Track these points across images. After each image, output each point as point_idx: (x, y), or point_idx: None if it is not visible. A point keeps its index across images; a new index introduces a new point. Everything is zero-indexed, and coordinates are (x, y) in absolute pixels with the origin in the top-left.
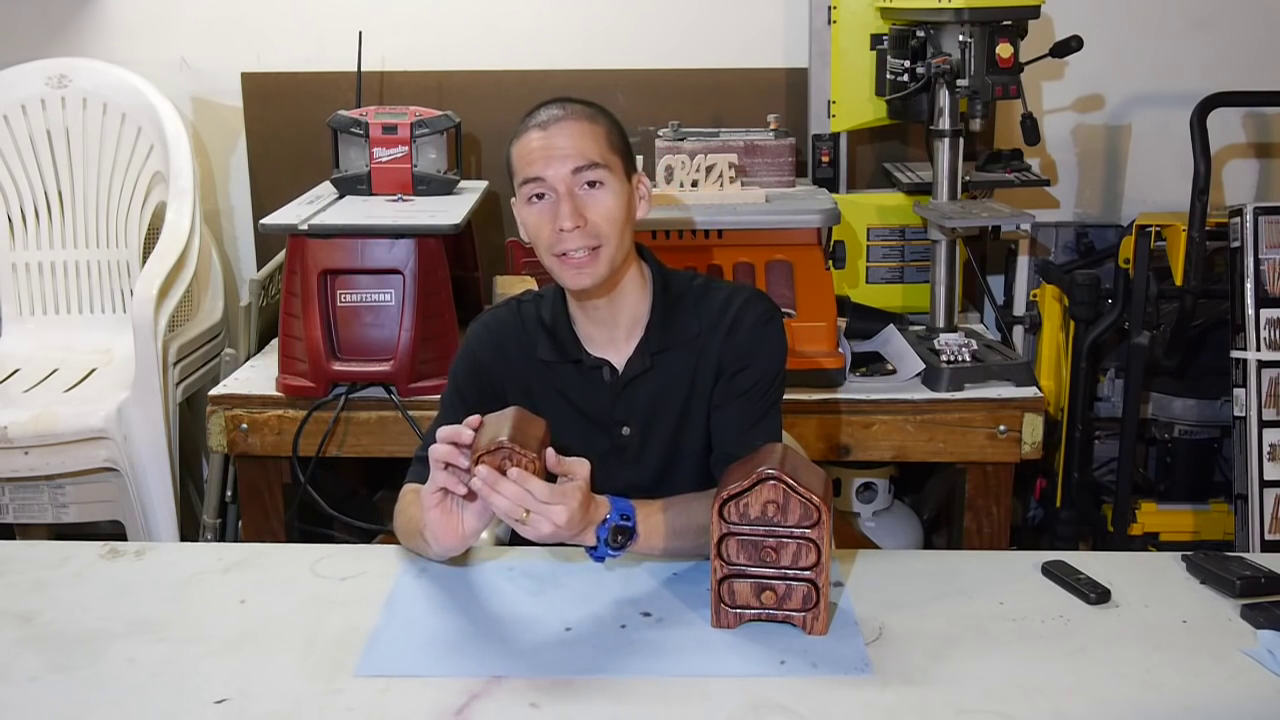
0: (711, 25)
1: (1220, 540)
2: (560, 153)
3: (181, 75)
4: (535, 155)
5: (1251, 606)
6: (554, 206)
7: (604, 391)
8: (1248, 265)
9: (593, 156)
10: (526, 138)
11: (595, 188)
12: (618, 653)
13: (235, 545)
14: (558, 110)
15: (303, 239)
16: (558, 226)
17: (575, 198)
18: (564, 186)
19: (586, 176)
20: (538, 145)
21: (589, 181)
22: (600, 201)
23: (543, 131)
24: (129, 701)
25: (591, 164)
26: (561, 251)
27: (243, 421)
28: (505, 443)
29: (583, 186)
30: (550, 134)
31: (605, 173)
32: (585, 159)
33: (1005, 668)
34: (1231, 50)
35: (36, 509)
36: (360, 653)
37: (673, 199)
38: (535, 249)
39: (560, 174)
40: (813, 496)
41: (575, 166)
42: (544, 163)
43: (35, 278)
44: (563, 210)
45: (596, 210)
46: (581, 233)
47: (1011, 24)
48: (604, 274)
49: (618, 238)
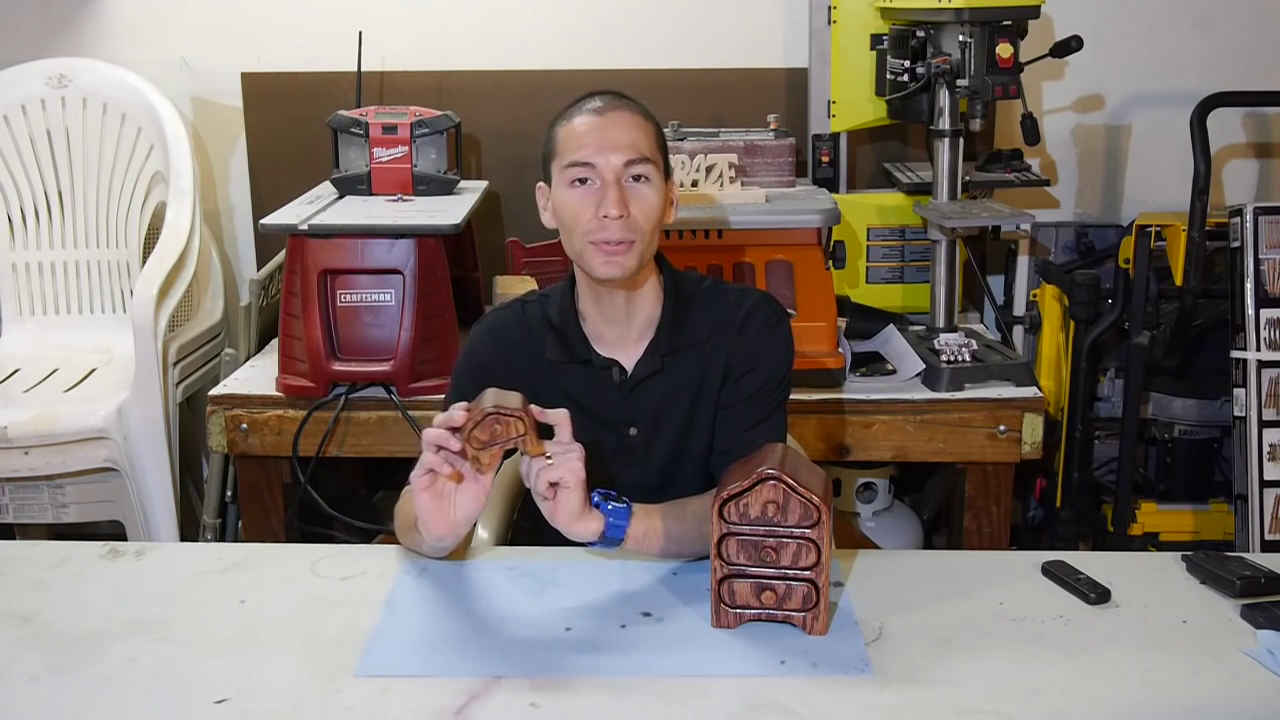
0: (711, 25)
1: (1220, 540)
2: (614, 141)
3: (181, 75)
4: (588, 140)
5: (1251, 606)
6: (599, 193)
7: (612, 392)
8: (1248, 265)
9: (644, 151)
10: (579, 121)
11: (640, 182)
12: (618, 653)
13: (235, 545)
14: (614, 99)
15: (303, 239)
16: (602, 213)
17: (622, 188)
18: (613, 175)
19: (636, 170)
20: (592, 130)
21: (636, 175)
22: (644, 197)
23: (599, 118)
24: (129, 701)
25: (643, 158)
26: (600, 239)
27: (243, 421)
28: (489, 409)
29: (629, 179)
30: (606, 121)
31: (652, 169)
32: (638, 152)
33: (1005, 668)
34: (1231, 50)
35: (36, 509)
36: (360, 653)
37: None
38: (566, 233)
39: (612, 163)
40: (813, 496)
41: (628, 158)
42: (596, 149)
43: (35, 278)
44: (609, 197)
45: (640, 204)
46: (624, 224)
47: (1011, 24)
48: (633, 268)
49: (651, 235)
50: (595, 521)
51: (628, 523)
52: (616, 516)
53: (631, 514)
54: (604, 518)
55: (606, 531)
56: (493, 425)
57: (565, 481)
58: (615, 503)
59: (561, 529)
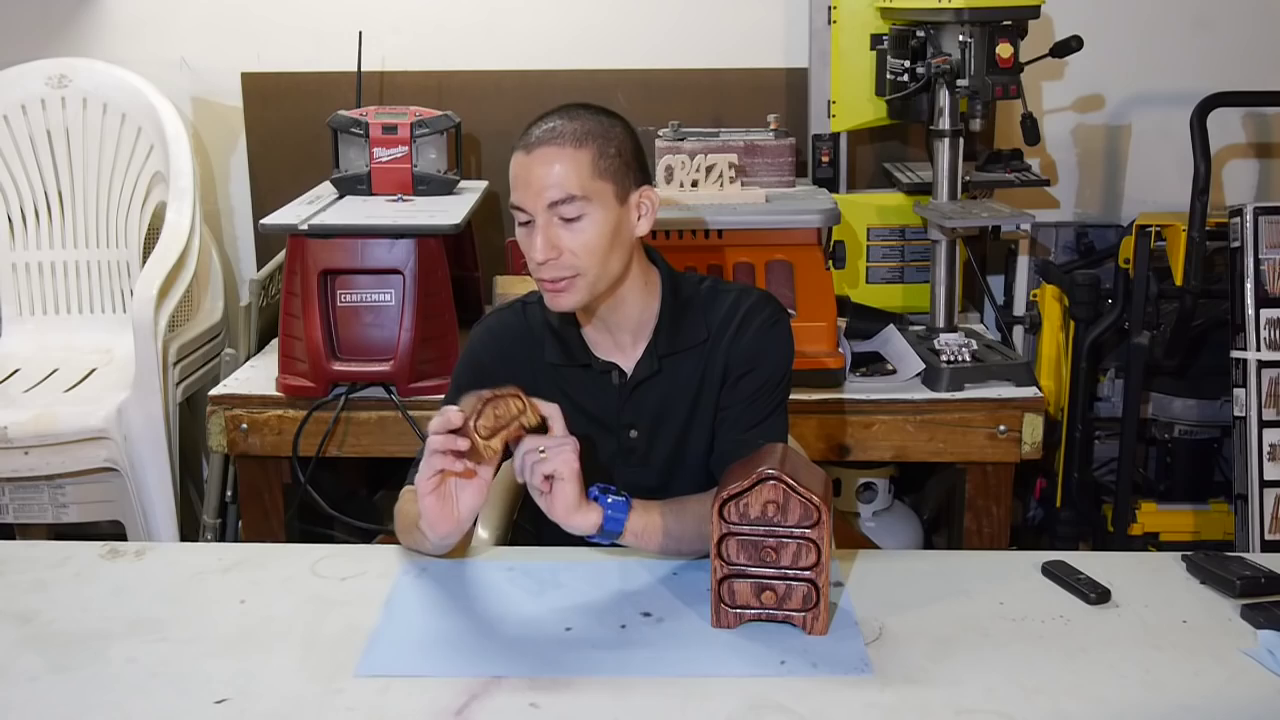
0: (711, 25)
1: (1220, 540)
2: (537, 184)
3: (181, 75)
4: (518, 181)
5: (1251, 606)
6: (532, 234)
7: (612, 395)
8: (1248, 265)
9: (570, 189)
10: (516, 157)
11: (572, 221)
12: (618, 653)
13: (235, 545)
14: (545, 131)
15: (303, 239)
16: (532, 257)
17: (551, 229)
18: (541, 218)
19: (561, 211)
20: (520, 170)
21: (565, 217)
22: (578, 234)
23: (526, 155)
24: (129, 701)
25: (568, 198)
26: (539, 278)
27: (243, 421)
28: (486, 394)
29: (558, 220)
30: (531, 160)
31: (584, 204)
32: (562, 192)
33: (1005, 668)
34: (1231, 50)
35: (36, 509)
36: (360, 653)
37: (673, 199)
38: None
39: (536, 206)
40: (813, 496)
41: (550, 200)
42: (524, 189)
43: (35, 278)
44: (536, 243)
45: (574, 241)
46: (555, 264)
47: (1011, 24)
48: (583, 299)
49: (599, 266)
50: (593, 514)
51: (626, 516)
52: (615, 509)
53: (630, 508)
54: (602, 510)
55: (605, 524)
56: (493, 410)
57: (560, 473)
58: (614, 496)
59: (559, 522)
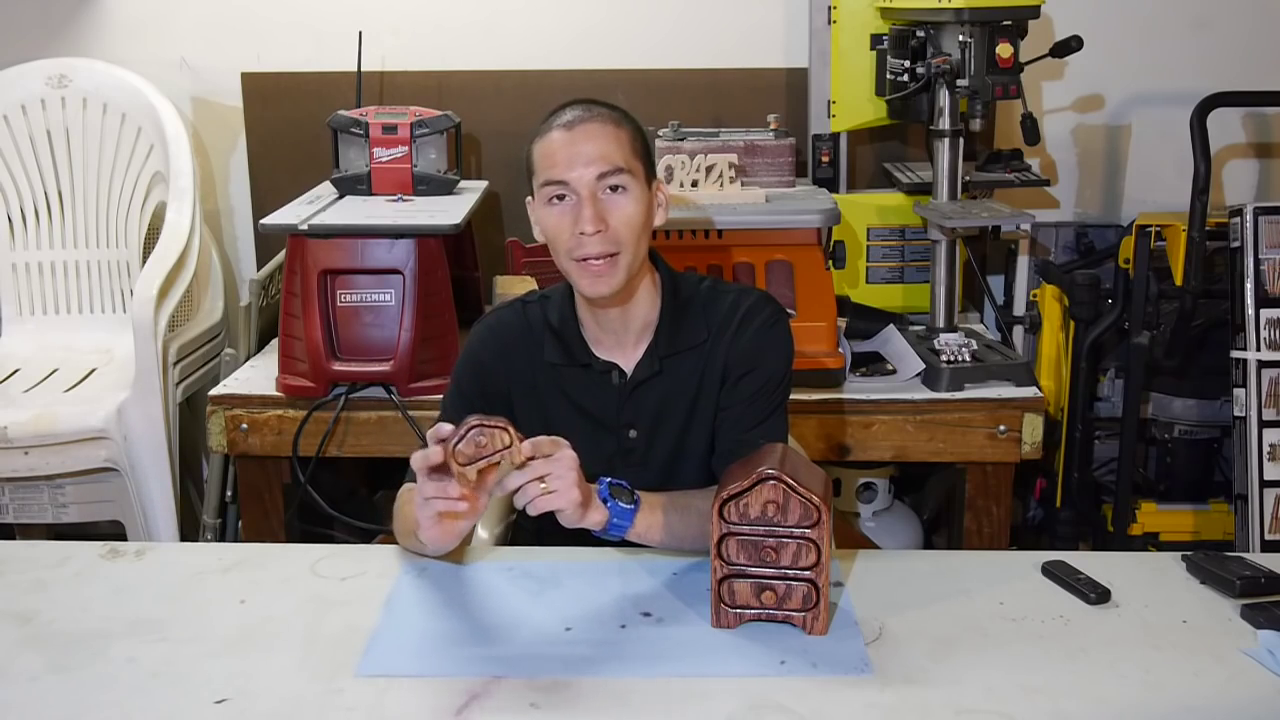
0: (711, 25)
1: (1220, 540)
2: (584, 156)
3: (181, 75)
4: (559, 157)
5: (1251, 606)
6: (575, 209)
7: (612, 394)
8: (1248, 265)
9: (617, 161)
10: (550, 138)
11: (617, 193)
12: (618, 653)
13: (235, 545)
14: (583, 111)
15: (303, 239)
16: (578, 230)
17: (598, 202)
18: (587, 190)
19: (610, 181)
20: (561, 146)
21: (611, 186)
22: (622, 207)
23: (567, 132)
24: (129, 701)
25: (615, 169)
26: (581, 256)
27: (243, 421)
28: (474, 420)
29: (605, 191)
30: (575, 135)
31: (628, 178)
32: (609, 164)
33: (1005, 668)
34: (1231, 50)
35: (36, 509)
36: (360, 653)
37: (672, 199)
38: (552, 251)
39: (584, 177)
40: (813, 496)
41: (600, 171)
42: (567, 165)
43: (35, 278)
44: (585, 214)
45: (618, 216)
46: (602, 238)
47: (1011, 24)
48: (621, 282)
49: (635, 245)
50: (598, 514)
51: (630, 523)
52: (620, 516)
53: (637, 513)
54: (608, 514)
55: (609, 529)
56: (476, 439)
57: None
58: (622, 501)
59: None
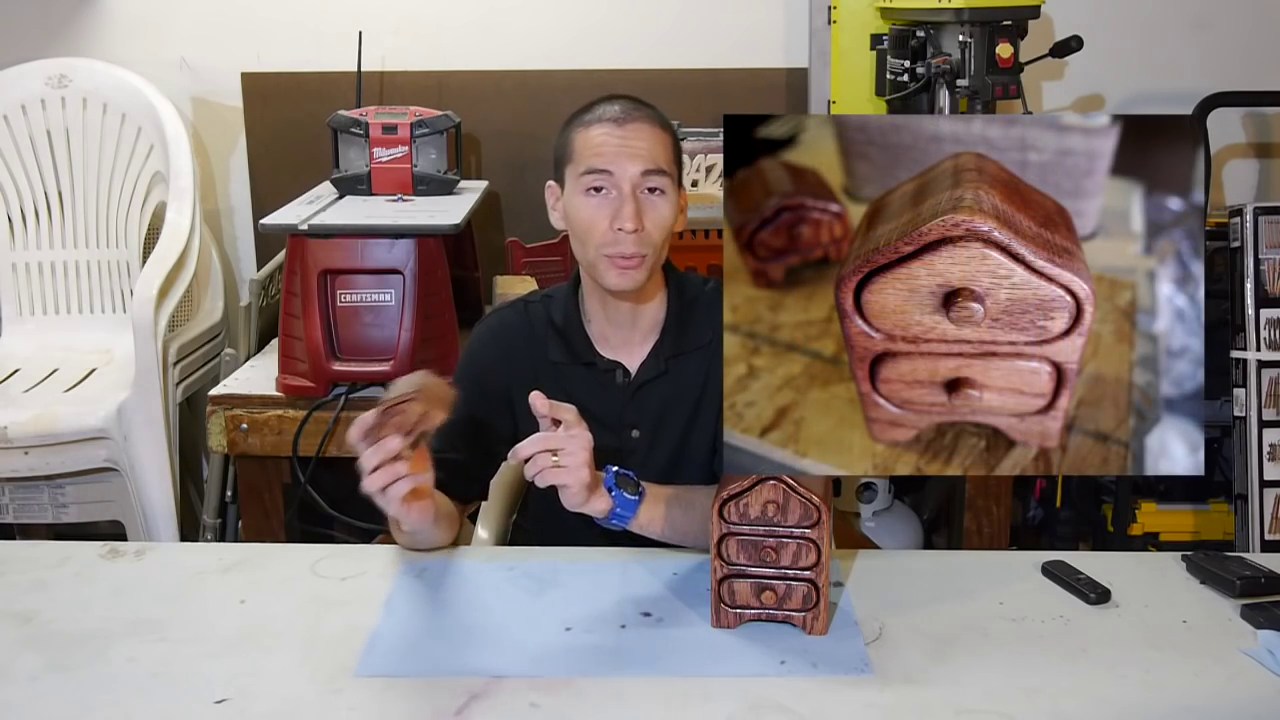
0: (711, 25)
1: (1220, 540)
2: (633, 151)
3: (181, 75)
4: (607, 148)
5: (1251, 606)
6: (615, 204)
7: (615, 394)
8: (1248, 265)
9: (661, 163)
10: (598, 128)
11: (655, 194)
12: (618, 653)
13: (235, 545)
14: (632, 108)
15: (303, 239)
16: (617, 225)
17: (638, 200)
18: (630, 186)
19: (652, 182)
20: (612, 138)
21: (650, 188)
22: (659, 209)
23: (618, 126)
24: (129, 701)
25: (659, 169)
26: (615, 253)
27: (243, 421)
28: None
29: (644, 191)
30: (626, 130)
31: (667, 181)
32: (655, 163)
33: (1005, 668)
34: (1231, 50)
35: (36, 509)
36: (360, 653)
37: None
38: (579, 242)
39: (630, 173)
40: (813, 496)
41: (646, 169)
42: (614, 157)
43: (35, 278)
44: (625, 211)
45: (654, 218)
46: (638, 238)
47: (1011, 24)
48: (643, 280)
49: (662, 247)
50: (602, 501)
51: (634, 514)
52: (624, 507)
53: (640, 505)
54: (612, 504)
55: (611, 518)
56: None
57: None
58: (626, 492)
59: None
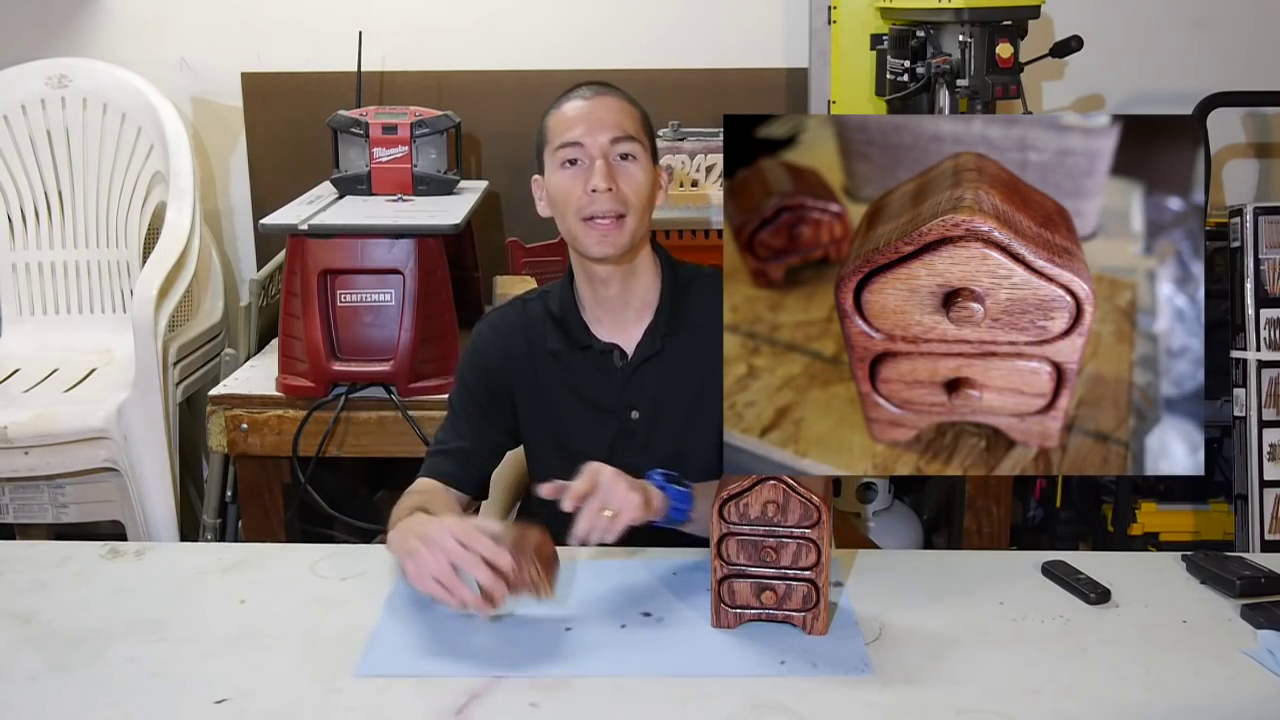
0: (711, 25)
1: (1220, 540)
2: (600, 121)
3: (181, 75)
4: (575, 121)
5: (1251, 606)
6: (586, 171)
7: (613, 376)
8: (1248, 265)
9: (629, 130)
10: (567, 106)
11: (627, 160)
12: (618, 653)
13: (235, 545)
14: (600, 88)
15: (303, 239)
16: (590, 187)
17: (610, 164)
18: (600, 152)
19: (622, 148)
20: (579, 112)
21: (623, 154)
22: (631, 174)
23: (585, 101)
24: (129, 701)
25: (628, 136)
26: (589, 215)
27: (243, 421)
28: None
29: (616, 158)
30: (592, 104)
31: (638, 148)
32: (623, 130)
33: (1005, 668)
34: (1231, 50)
35: (36, 509)
36: (360, 653)
37: (673, 199)
38: (560, 215)
39: (599, 141)
40: (813, 496)
41: (614, 136)
42: (583, 128)
43: (35, 278)
44: (597, 170)
45: (627, 180)
46: (611, 196)
47: (1011, 24)
48: (625, 245)
49: (641, 211)
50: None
51: (690, 505)
52: (679, 500)
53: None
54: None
55: (670, 514)
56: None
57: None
58: (676, 485)
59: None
